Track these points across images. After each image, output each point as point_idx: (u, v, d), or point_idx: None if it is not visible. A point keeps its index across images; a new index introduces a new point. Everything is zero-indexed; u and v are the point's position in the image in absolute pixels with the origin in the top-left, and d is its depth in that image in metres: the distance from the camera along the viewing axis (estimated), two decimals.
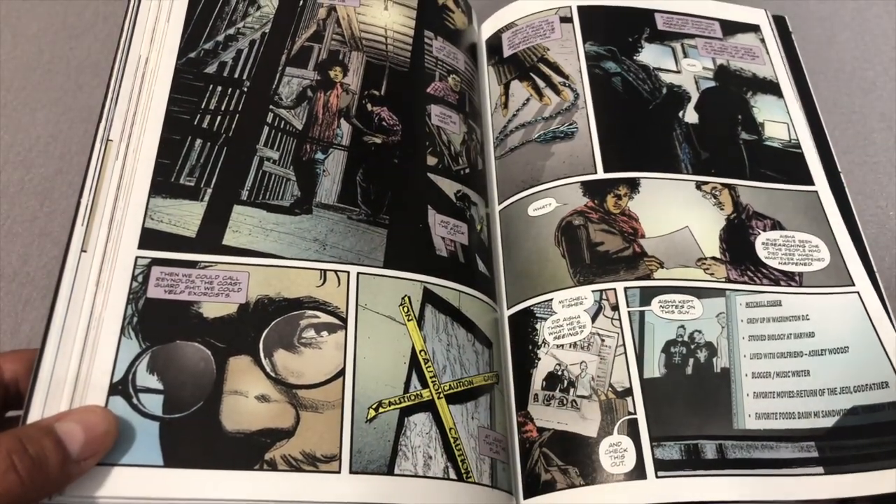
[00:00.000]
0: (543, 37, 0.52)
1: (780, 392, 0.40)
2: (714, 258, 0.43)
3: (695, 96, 0.50)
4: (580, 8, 0.53)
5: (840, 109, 0.50)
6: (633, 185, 0.46)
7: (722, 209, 0.46)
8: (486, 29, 0.56)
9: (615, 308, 0.41)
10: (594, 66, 0.50)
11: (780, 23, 0.56)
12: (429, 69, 0.49)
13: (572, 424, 0.38)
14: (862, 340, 0.42)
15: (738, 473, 0.37)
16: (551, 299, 0.42)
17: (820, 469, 0.37)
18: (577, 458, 0.37)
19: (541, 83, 0.50)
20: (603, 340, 0.40)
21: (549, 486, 0.37)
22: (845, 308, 0.43)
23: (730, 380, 0.40)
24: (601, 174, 0.46)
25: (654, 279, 0.42)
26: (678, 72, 0.51)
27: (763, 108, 0.50)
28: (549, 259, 0.43)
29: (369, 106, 0.45)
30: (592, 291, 0.42)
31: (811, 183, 0.47)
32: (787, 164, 0.48)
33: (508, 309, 0.43)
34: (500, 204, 0.47)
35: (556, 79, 0.50)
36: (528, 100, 0.50)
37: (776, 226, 0.45)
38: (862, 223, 0.46)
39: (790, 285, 0.43)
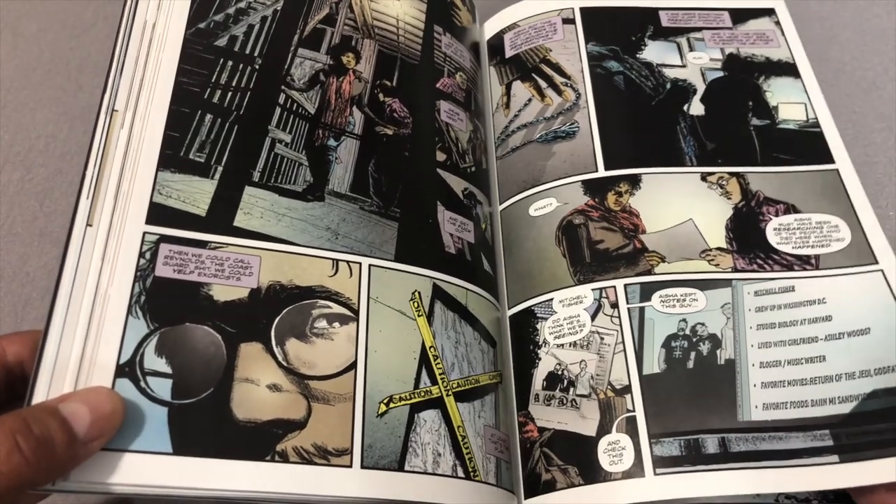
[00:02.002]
0: (546, 38, 0.52)
1: (791, 380, 0.39)
2: (720, 249, 0.43)
3: (701, 88, 0.50)
4: (583, 9, 0.53)
5: (840, 109, 0.50)
6: (635, 181, 0.46)
7: (729, 198, 0.45)
8: (489, 29, 0.56)
9: (614, 306, 0.41)
10: (596, 65, 0.51)
11: None
12: (438, 64, 0.48)
13: (572, 424, 0.39)
14: (885, 320, 0.40)
15: (742, 466, 0.36)
16: (551, 299, 0.42)
17: (835, 457, 0.36)
18: (576, 457, 0.38)
19: (542, 83, 0.51)
20: (602, 339, 0.41)
21: (550, 486, 0.37)
22: (867, 288, 0.41)
23: (735, 371, 0.39)
24: (602, 172, 0.46)
25: (655, 274, 0.42)
26: (683, 66, 0.51)
27: (777, 91, 0.50)
28: (549, 259, 0.44)
29: (381, 96, 0.45)
30: (592, 290, 0.42)
31: (831, 161, 0.46)
32: (804, 145, 0.47)
33: (510, 309, 0.44)
34: (501, 204, 0.47)
35: (558, 79, 0.50)
36: (529, 100, 0.50)
37: (790, 209, 0.45)
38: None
39: (805, 269, 0.42)
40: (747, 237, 0.44)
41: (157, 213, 0.36)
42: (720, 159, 0.46)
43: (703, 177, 0.46)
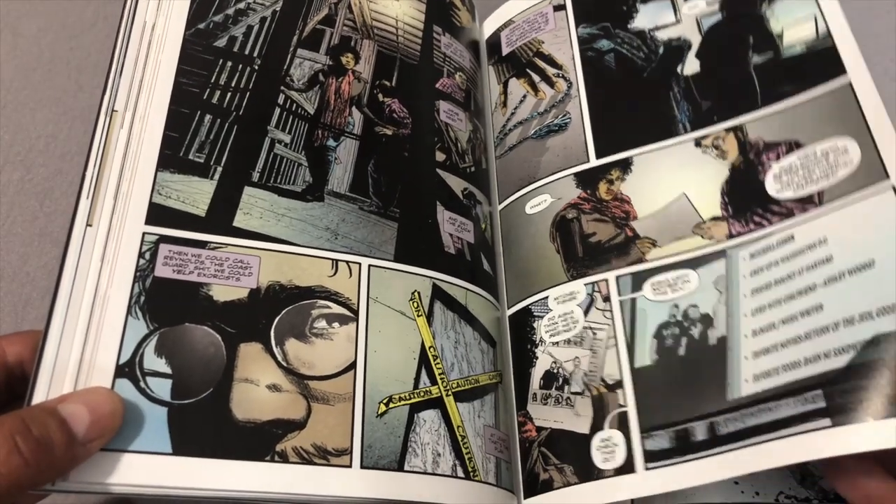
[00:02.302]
0: (538, 30, 0.52)
1: (784, 341, 0.35)
2: (714, 218, 0.40)
3: (696, 42, 0.46)
4: None
5: None
6: (625, 165, 0.44)
7: (725, 158, 0.42)
8: (487, 28, 0.55)
9: (607, 299, 0.40)
10: (587, 49, 0.49)
11: None
12: (437, 64, 0.48)
13: (567, 422, 0.38)
14: (893, 247, 0.35)
15: (729, 448, 0.34)
16: (547, 297, 0.42)
17: (826, 421, 0.32)
18: (571, 455, 0.37)
19: (536, 78, 0.50)
20: (595, 334, 0.40)
21: (547, 486, 0.37)
22: (874, 211, 0.36)
23: (726, 348, 0.37)
24: (593, 161, 0.45)
25: (647, 261, 0.41)
26: (678, 22, 0.48)
27: (782, 13, 0.45)
28: (546, 256, 0.43)
29: (381, 96, 0.45)
30: (585, 285, 0.41)
31: (843, 73, 0.40)
32: (813, 67, 0.42)
33: (509, 308, 0.43)
34: (500, 203, 0.47)
35: (551, 71, 0.50)
36: (524, 97, 0.50)
37: (793, 147, 0.40)
38: None
39: (806, 211, 0.38)
40: (745, 195, 0.40)
41: (157, 214, 0.36)
42: (716, 116, 0.43)
43: (698, 142, 0.43)
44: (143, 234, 0.35)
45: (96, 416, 0.29)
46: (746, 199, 0.40)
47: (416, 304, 0.39)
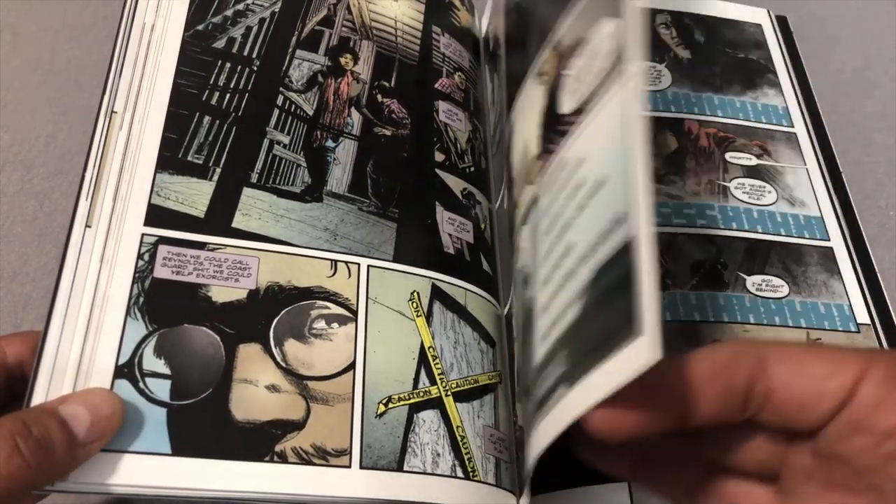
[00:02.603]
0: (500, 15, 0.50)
1: (552, 294, 0.28)
2: (534, 158, 0.33)
3: None
4: None
5: (840, 109, 0.50)
6: (509, 129, 0.40)
7: (548, 83, 0.33)
8: (486, 28, 0.56)
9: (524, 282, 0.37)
10: (510, 11, 0.45)
11: (781, 23, 0.56)
12: (436, 65, 0.48)
13: (521, 419, 0.38)
14: (620, 160, 0.25)
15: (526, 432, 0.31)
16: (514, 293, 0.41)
17: (565, 388, 0.26)
18: (521, 454, 0.37)
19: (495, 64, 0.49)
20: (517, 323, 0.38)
21: (523, 485, 0.37)
22: (619, 111, 0.26)
23: (532, 311, 0.31)
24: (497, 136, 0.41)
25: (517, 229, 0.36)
26: None
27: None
28: (512, 251, 0.42)
29: (379, 97, 0.45)
30: (516, 272, 0.40)
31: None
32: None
33: (504, 308, 0.43)
34: (496, 202, 0.47)
35: (500, 50, 0.48)
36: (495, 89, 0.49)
37: (582, 46, 0.30)
38: (862, 223, 0.46)
39: (577, 124, 0.29)
40: (551, 121, 0.32)
41: (156, 215, 0.36)
42: (552, 34, 0.33)
43: (537, 74, 0.34)
44: (142, 235, 0.35)
45: (97, 417, 0.29)
46: (550, 126, 0.32)
47: (415, 305, 0.39)
